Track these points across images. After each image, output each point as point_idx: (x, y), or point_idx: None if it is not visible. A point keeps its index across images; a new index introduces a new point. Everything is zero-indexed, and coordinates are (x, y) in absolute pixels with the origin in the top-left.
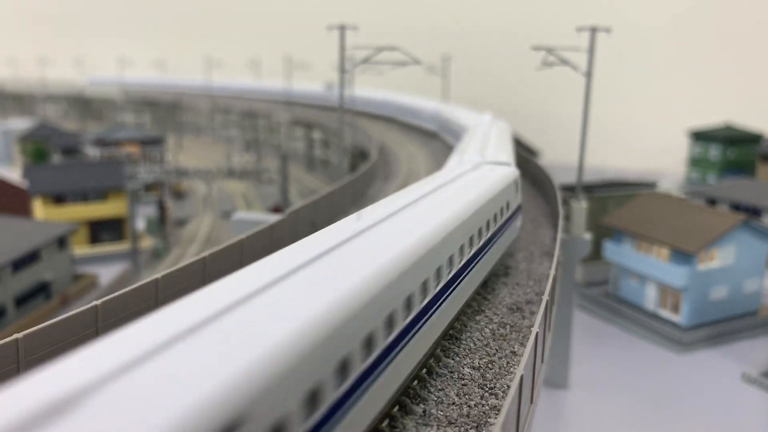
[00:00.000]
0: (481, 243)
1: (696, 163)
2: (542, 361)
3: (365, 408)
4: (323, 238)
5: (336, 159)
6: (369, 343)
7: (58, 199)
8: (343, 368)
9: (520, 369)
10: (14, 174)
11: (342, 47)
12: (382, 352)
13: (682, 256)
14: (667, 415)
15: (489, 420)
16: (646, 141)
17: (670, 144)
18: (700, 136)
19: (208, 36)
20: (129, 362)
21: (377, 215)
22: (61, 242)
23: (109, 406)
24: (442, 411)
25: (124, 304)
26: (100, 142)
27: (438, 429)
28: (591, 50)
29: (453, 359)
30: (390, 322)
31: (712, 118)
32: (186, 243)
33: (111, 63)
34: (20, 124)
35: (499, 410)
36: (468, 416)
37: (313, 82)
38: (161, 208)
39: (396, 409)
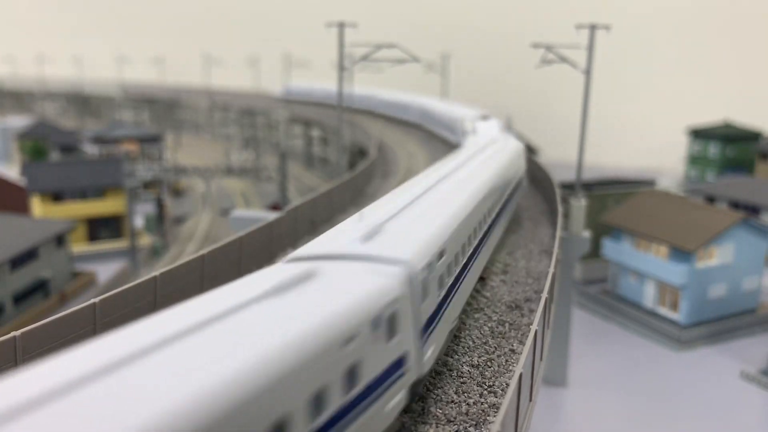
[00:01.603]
0: None
1: (695, 161)
2: (541, 359)
3: None
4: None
5: (335, 157)
6: None
7: (57, 196)
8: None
9: (519, 367)
10: (12, 172)
11: (341, 45)
12: None
13: (681, 254)
14: (665, 412)
15: (488, 418)
16: (646, 139)
17: (669, 142)
18: (699, 134)
19: (206, 34)
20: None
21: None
22: (60, 240)
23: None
24: (440, 409)
25: (123, 302)
26: (99, 140)
27: (437, 427)
28: (590, 48)
29: (452, 357)
30: None
31: (711, 116)
32: (184, 241)
33: (109, 61)
34: (19, 121)
35: (498, 408)
36: (467, 414)
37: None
38: (160, 205)
39: None
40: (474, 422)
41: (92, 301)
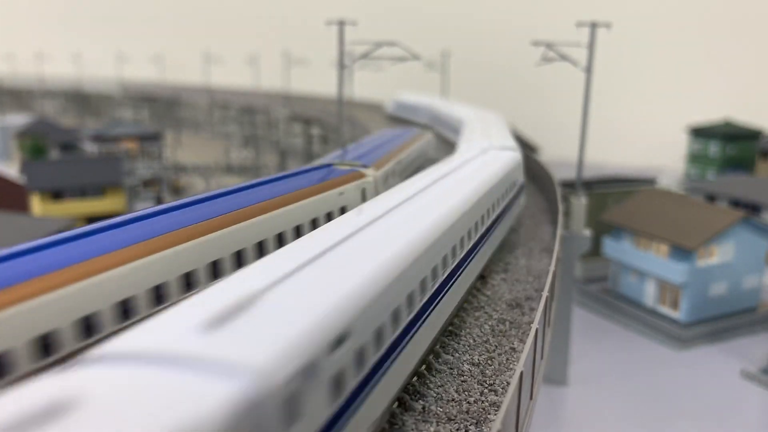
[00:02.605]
0: None
1: (695, 159)
2: (542, 358)
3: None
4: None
5: None
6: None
7: (56, 194)
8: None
9: (520, 365)
10: (12, 170)
11: (341, 42)
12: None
13: (682, 252)
14: (665, 411)
15: (488, 416)
16: (646, 137)
17: (669, 140)
18: (700, 133)
19: (205, 32)
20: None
21: None
22: None
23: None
24: (441, 407)
25: None
26: (98, 138)
27: (437, 425)
28: (591, 46)
29: (452, 355)
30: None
31: (711, 114)
32: None
33: (109, 59)
34: (18, 119)
35: (498, 406)
36: (467, 413)
37: None
38: (159, 203)
39: (395, 405)
40: (475, 420)
41: None
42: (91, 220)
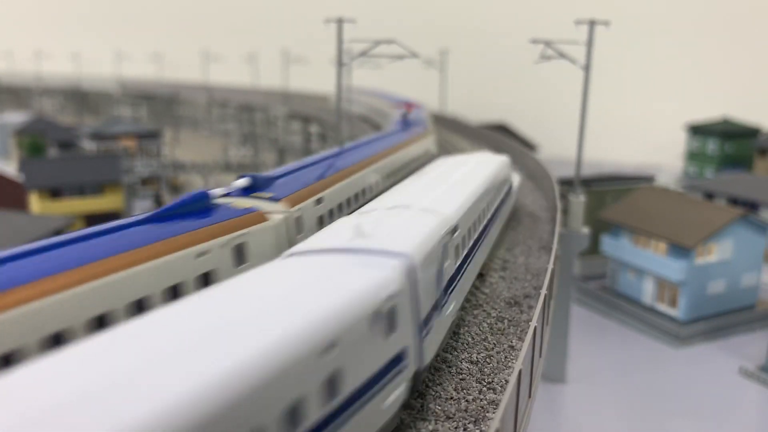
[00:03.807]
0: None
1: (694, 157)
2: (540, 356)
3: None
4: None
5: None
6: None
7: (55, 193)
8: None
9: (519, 363)
10: (10, 168)
11: (340, 41)
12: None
13: (680, 250)
14: (664, 409)
15: (487, 414)
16: (644, 135)
17: (667, 138)
18: (698, 130)
19: (204, 30)
20: None
21: None
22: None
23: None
24: (440, 406)
25: None
26: (97, 136)
27: (436, 423)
28: (589, 44)
29: (451, 354)
30: None
31: (709, 113)
32: None
33: (108, 57)
34: (16, 117)
35: (497, 405)
36: (466, 411)
37: None
38: (158, 201)
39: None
40: (473, 419)
41: None
42: (90, 218)
